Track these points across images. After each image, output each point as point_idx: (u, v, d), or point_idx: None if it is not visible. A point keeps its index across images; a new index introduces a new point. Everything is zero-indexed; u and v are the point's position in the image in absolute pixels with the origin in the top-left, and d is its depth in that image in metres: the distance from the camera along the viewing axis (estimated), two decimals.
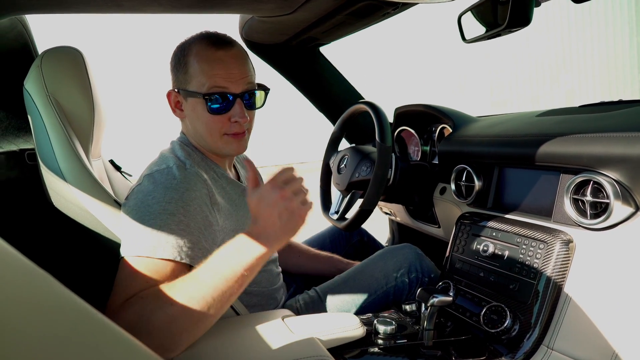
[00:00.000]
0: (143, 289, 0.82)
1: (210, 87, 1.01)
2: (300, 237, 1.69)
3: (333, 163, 1.61)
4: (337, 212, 1.53)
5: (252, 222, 0.85)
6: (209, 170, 1.07)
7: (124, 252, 0.88)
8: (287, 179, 0.86)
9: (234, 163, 1.23)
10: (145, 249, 0.86)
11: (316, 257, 1.51)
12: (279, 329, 0.91)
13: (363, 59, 11.28)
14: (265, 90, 1.10)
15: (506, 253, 1.11)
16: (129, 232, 0.89)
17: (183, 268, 0.88)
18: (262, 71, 1.33)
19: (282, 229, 0.83)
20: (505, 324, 1.01)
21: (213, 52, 1.03)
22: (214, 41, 1.04)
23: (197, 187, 0.96)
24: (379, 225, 2.33)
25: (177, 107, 1.09)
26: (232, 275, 0.80)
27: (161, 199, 0.91)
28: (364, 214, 1.35)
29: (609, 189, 0.91)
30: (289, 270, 1.48)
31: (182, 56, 1.05)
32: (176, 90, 1.07)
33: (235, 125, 1.05)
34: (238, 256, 0.81)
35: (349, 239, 1.72)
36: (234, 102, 1.03)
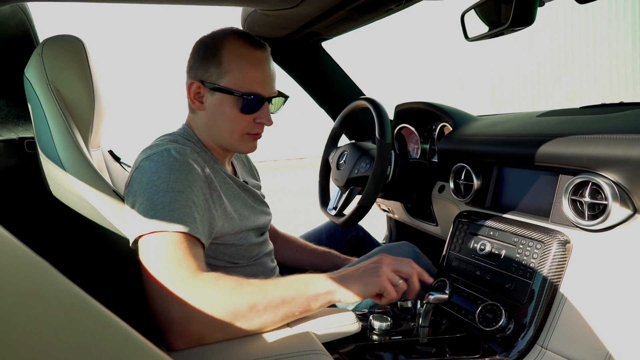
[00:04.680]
0: (170, 263, 0.83)
1: (248, 88, 1.03)
2: (297, 232, 1.70)
3: (332, 159, 1.61)
4: (335, 208, 1.53)
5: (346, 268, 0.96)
6: (208, 162, 1.07)
7: (137, 231, 0.87)
8: (405, 272, 0.93)
9: (232, 160, 1.24)
10: (158, 224, 0.85)
11: (313, 252, 1.52)
12: None
13: (365, 55, 11.25)
14: (285, 97, 1.14)
15: (503, 252, 1.11)
16: (140, 212, 0.88)
17: (197, 242, 0.89)
18: None
19: (359, 277, 0.90)
20: (500, 323, 1.01)
21: (251, 51, 1.05)
22: (250, 40, 1.06)
23: (196, 171, 0.97)
24: (374, 222, 2.34)
25: (196, 99, 1.08)
26: (300, 294, 0.86)
27: (167, 178, 0.91)
28: (362, 210, 1.35)
29: (607, 190, 0.91)
30: (286, 265, 1.49)
31: (215, 49, 1.04)
32: (201, 82, 1.06)
33: (258, 127, 1.09)
34: (311, 281, 0.89)
35: (345, 235, 1.72)
36: (263, 105, 1.07)
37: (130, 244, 0.90)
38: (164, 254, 0.83)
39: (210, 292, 0.81)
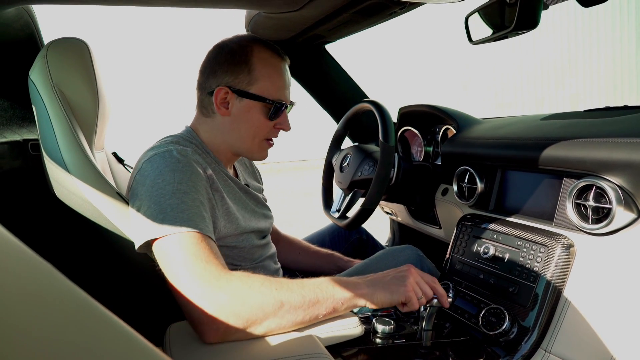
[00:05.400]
0: (196, 261, 0.83)
1: (276, 95, 1.08)
2: (300, 234, 1.70)
3: (336, 161, 1.61)
4: (338, 211, 1.53)
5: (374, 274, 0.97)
6: (210, 163, 1.07)
7: (147, 235, 0.87)
8: (431, 285, 0.95)
9: (233, 164, 1.25)
10: (170, 227, 0.86)
11: (317, 254, 1.51)
12: None
13: (369, 58, 11.26)
14: (294, 105, 1.19)
15: (507, 256, 1.11)
16: (148, 216, 0.88)
17: (211, 240, 0.89)
18: None
19: (387, 284, 0.92)
20: (504, 327, 1.01)
21: (279, 61, 1.11)
22: (276, 51, 1.12)
23: (199, 171, 0.98)
24: (378, 224, 2.34)
25: (222, 105, 1.08)
26: (327, 297, 0.87)
27: (171, 180, 0.91)
28: (365, 213, 1.35)
29: (611, 194, 0.91)
30: (289, 267, 1.49)
31: (244, 56, 1.07)
32: (229, 87, 1.07)
33: (275, 132, 1.14)
34: (338, 285, 0.89)
35: (348, 237, 1.72)
36: (283, 112, 1.12)
37: (137, 247, 0.90)
38: (187, 254, 0.84)
39: (241, 288, 0.82)
